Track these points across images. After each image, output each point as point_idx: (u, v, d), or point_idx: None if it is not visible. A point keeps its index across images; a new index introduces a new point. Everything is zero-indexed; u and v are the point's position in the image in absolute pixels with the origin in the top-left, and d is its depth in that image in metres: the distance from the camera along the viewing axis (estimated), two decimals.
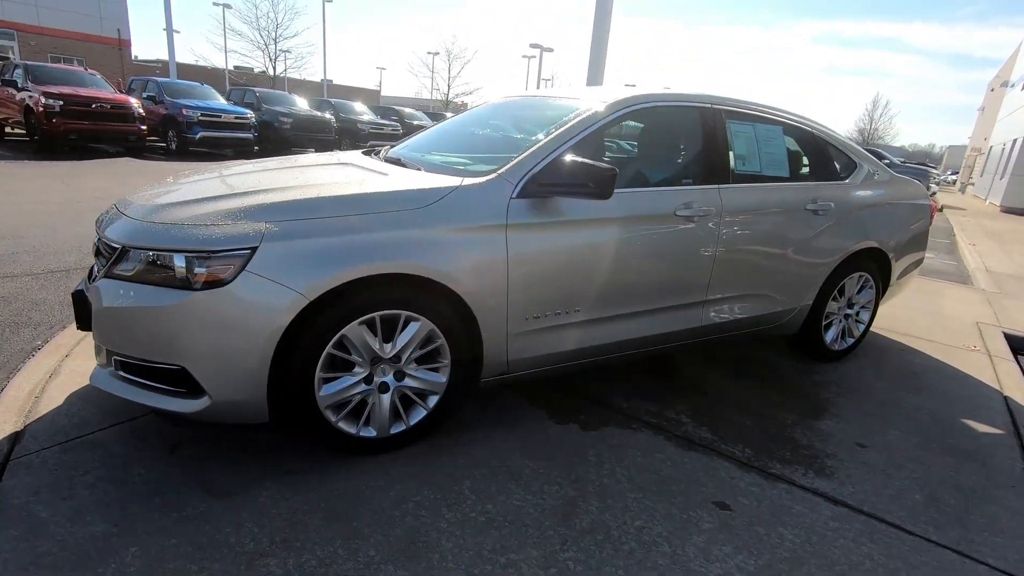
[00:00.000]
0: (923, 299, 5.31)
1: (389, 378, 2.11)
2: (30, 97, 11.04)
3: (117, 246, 1.92)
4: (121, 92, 13.00)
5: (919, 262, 3.86)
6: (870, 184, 3.40)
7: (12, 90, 11.59)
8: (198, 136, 12.75)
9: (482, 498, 1.94)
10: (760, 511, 2.01)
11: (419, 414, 2.19)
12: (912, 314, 4.75)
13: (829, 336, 3.41)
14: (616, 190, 2.47)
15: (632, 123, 2.88)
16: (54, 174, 8.40)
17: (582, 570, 1.67)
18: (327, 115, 16.35)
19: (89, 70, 13.26)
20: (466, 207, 2.12)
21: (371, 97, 37.61)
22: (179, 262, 1.80)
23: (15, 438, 2.09)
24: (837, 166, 3.31)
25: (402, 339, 2.06)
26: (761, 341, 3.71)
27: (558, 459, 2.21)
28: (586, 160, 2.21)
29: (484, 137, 3.10)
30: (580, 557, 1.72)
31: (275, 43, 29.81)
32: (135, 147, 11.97)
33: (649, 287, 2.56)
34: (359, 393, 2.05)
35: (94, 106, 11.25)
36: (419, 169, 2.49)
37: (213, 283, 1.78)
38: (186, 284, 1.79)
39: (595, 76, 6.67)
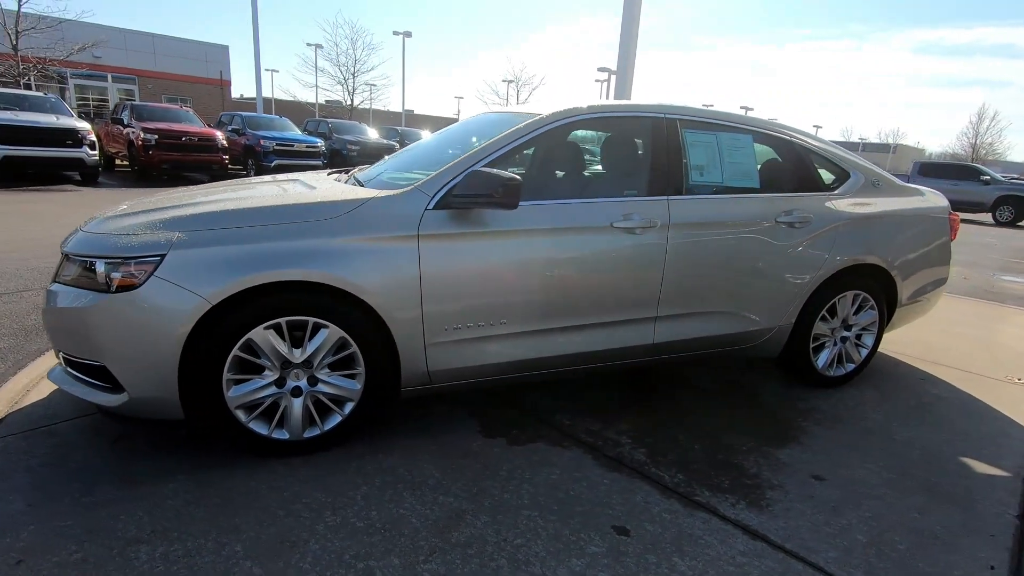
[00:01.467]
0: (979, 325, 4.74)
1: (302, 383, 2.18)
2: (132, 132, 12.51)
3: (63, 254, 2.15)
4: (209, 126, 14.40)
5: (939, 282, 3.46)
6: (867, 195, 3.12)
7: (120, 127, 13.19)
8: (273, 163, 13.84)
9: (370, 505, 1.95)
10: (662, 539, 1.88)
11: (334, 420, 2.25)
12: (956, 341, 4.25)
13: (821, 360, 3.13)
14: (545, 201, 2.47)
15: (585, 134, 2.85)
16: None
17: (440, 572, 1.64)
18: (394, 142, 17.24)
19: (184, 107, 14.83)
20: (376, 218, 2.18)
21: (446, 125, 39.10)
22: (100, 267, 1.98)
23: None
24: (822, 176, 3.07)
25: (312, 345, 2.13)
26: (740, 363, 3.47)
27: (467, 472, 2.18)
28: (492, 170, 2.21)
29: (453, 154, 3.17)
30: (440, 570, 1.68)
31: (353, 77, 31.94)
32: (218, 175, 13.17)
33: (586, 301, 2.49)
34: (270, 396, 2.14)
35: (184, 139, 12.55)
36: (361, 185, 2.59)
37: (126, 287, 1.95)
38: (105, 288, 1.97)
39: (621, 95, 6.61)
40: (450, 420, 2.59)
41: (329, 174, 3.15)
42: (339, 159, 15.70)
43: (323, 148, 14.79)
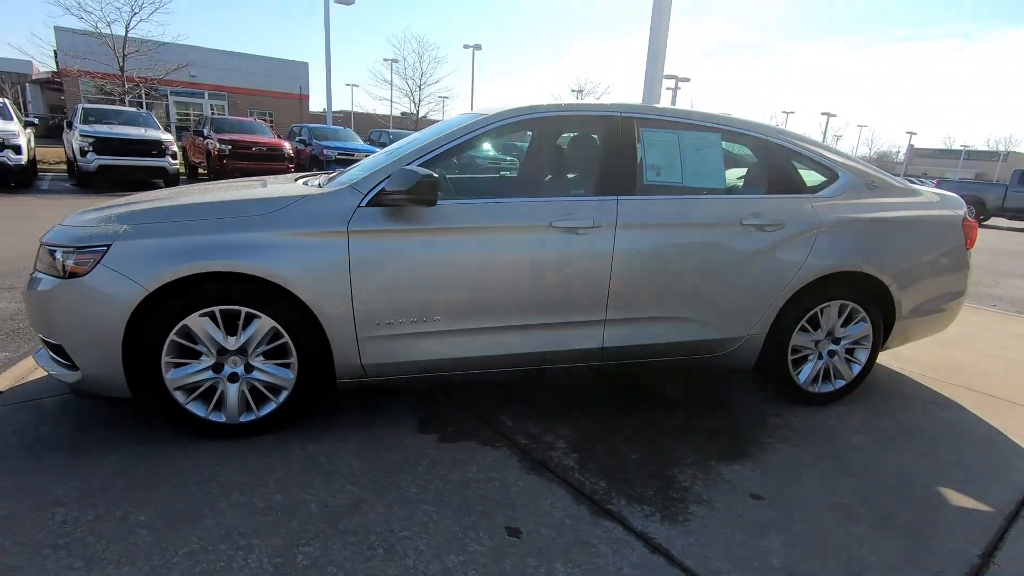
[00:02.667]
0: (1016, 346, 4.23)
1: (239, 369, 2.30)
2: (210, 143, 13.61)
3: (39, 244, 2.40)
4: (280, 138, 15.41)
5: (955, 295, 3.13)
6: (858, 197, 2.88)
7: (200, 139, 14.39)
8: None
9: (278, 488, 2.03)
10: (552, 544, 1.82)
11: (270, 407, 2.35)
12: (986, 361, 3.82)
13: (803, 375, 2.91)
14: (482, 200, 2.48)
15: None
16: None
17: (306, 564, 1.68)
18: None
19: (258, 120, 15.97)
20: (309, 214, 2.27)
21: None
22: (58, 255, 2.19)
23: None
24: (803, 177, 2.87)
25: (245, 334, 2.25)
26: (721, 375, 3.27)
27: (384, 465, 2.21)
28: (412, 168, 2.24)
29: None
30: (315, 553, 1.72)
31: (420, 89, 33.14)
32: None
33: (525, 301, 2.47)
34: (208, 380, 2.28)
35: (254, 149, 13.52)
36: (319, 186, 2.71)
37: (77, 273, 2.14)
38: (61, 274, 2.18)
39: (650, 98, 6.46)
40: (394, 414, 2.63)
41: (298, 177, 3.28)
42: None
43: None
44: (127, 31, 18.76)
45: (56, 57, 23.07)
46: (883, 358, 3.78)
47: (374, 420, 2.57)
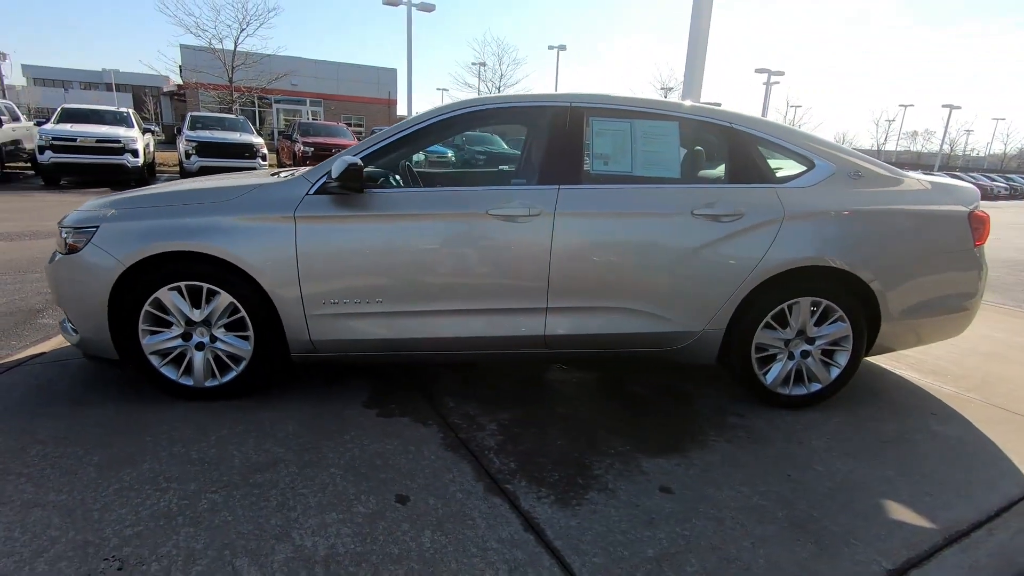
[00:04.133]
0: None
1: (205, 339, 2.58)
2: (296, 146, 14.78)
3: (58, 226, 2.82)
4: (359, 139, 16.40)
5: (964, 296, 2.81)
6: (837, 187, 2.68)
7: (289, 142, 15.66)
8: None
9: (216, 444, 2.26)
10: (432, 514, 1.90)
11: (231, 374, 2.61)
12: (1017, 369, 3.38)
13: (771, 376, 2.76)
14: (421, 188, 2.61)
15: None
16: None
17: (206, 508, 1.88)
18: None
19: (342, 124, 17.08)
20: (263, 201, 2.50)
21: None
22: (64, 235, 2.58)
23: (34, 357, 3.14)
24: (772, 166, 2.71)
25: (208, 307, 2.52)
26: (693, 372, 3.14)
27: (317, 432, 2.39)
28: (344, 157, 2.40)
29: None
30: (218, 499, 1.92)
31: (499, 91, 33.66)
32: None
33: (464, 286, 2.55)
34: (178, 347, 2.58)
35: (333, 150, 14.50)
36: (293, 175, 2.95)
37: (74, 250, 2.51)
38: (64, 251, 2.56)
39: (690, 90, 6.24)
40: (348, 389, 2.81)
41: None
42: (468, 167, 16.79)
43: (452, 158, 15.95)
44: (236, 46, 20.72)
45: (181, 72, 25.93)
46: (901, 367, 3.47)
47: (329, 393, 2.77)
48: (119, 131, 12.59)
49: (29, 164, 13.39)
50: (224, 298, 2.51)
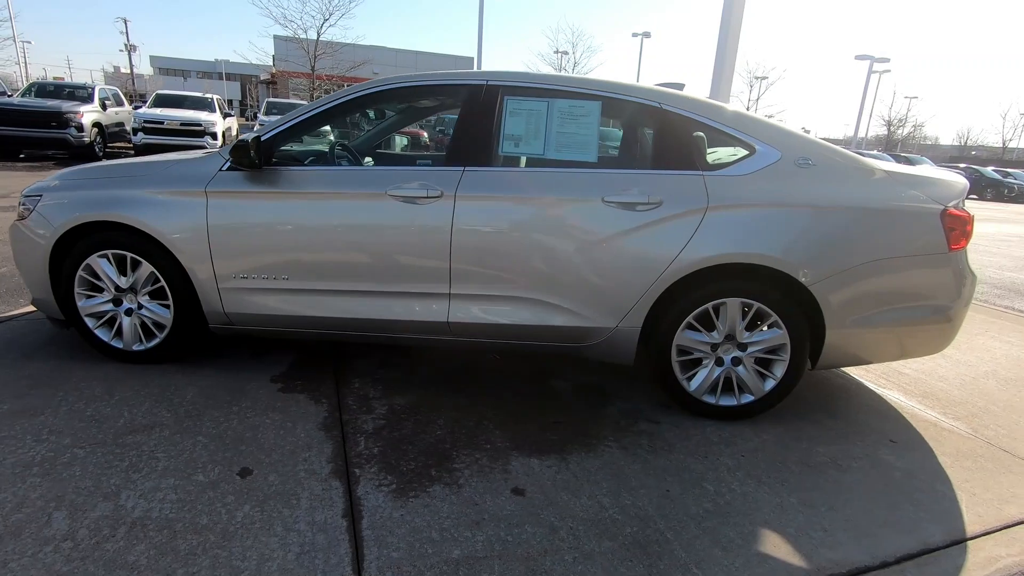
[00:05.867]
0: None
1: (133, 305, 2.73)
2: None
3: None
4: (419, 128, 16.76)
5: (937, 308, 2.41)
6: (778, 176, 2.37)
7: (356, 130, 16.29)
8: None
9: (115, 404, 2.39)
10: (265, 490, 1.90)
11: (156, 340, 2.75)
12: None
13: (695, 382, 2.51)
14: (322, 167, 2.61)
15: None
16: None
17: (66, 461, 1.99)
18: None
19: None
20: (179, 175, 2.59)
21: None
22: (20, 203, 2.81)
23: (22, 315, 3.47)
24: (704, 151, 2.44)
25: (133, 276, 2.66)
26: (606, 365, 2.92)
27: (213, 401, 2.45)
28: (245, 136, 2.42)
29: None
30: (82, 455, 2.02)
31: None
32: None
33: (364, 267, 2.52)
34: (109, 311, 2.74)
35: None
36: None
37: (24, 217, 2.74)
38: (18, 217, 2.80)
39: (719, 87, 5.80)
40: (265, 363, 2.87)
41: None
42: None
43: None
44: (319, 35, 21.77)
45: (274, 61, 27.66)
46: (888, 386, 3.07)
47: (247, 364, 2.84)
48: (202, 115, 13.63)
49: (130, 144, 14.83)
50: (146, 268, 2.63)
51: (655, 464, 2.20)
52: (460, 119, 2.54)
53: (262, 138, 2.50)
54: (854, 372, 3.22)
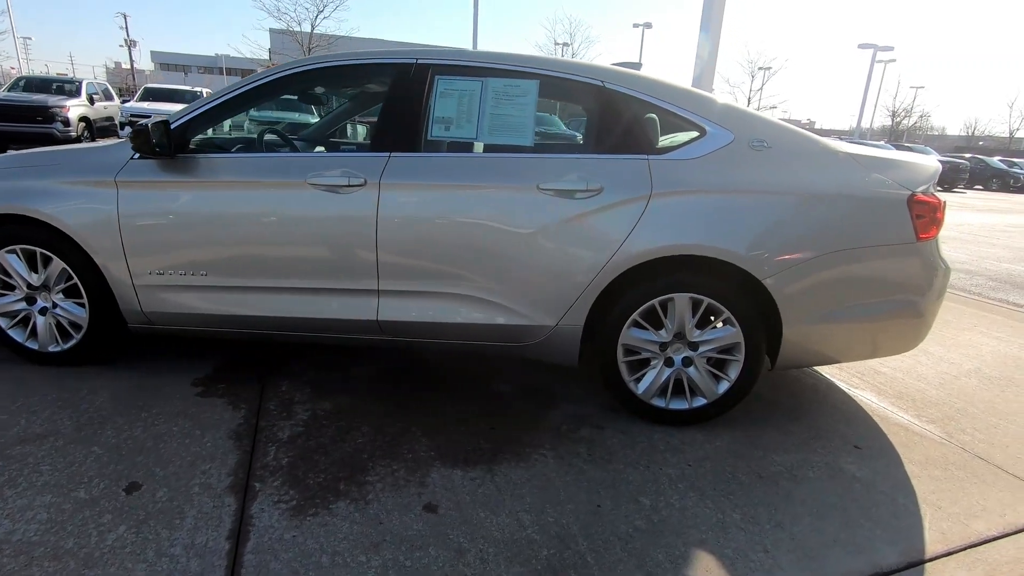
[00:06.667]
0: None
1: (48, 304, 2.56)
2: None
3: None
4: None
5: (904, 303, 2.21)
6: (730, 160, 2.17)
7: None
8: None
9: (15, 410, 2.21)
10: (150, 508, 1.72)
11: (72, 340, 2.57)
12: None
13: (644, 384, 2.32)
14: (239, 155, 2.42)
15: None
16: None
17: None
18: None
19: None
20: (87, 164, 2.41)
21: None
22: None
23: None
24: (650, 133, 2.24)
25: (45, 273, 2.49)
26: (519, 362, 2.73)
27: (123, 407, 2.28)
28: (145, 121, 2.23)
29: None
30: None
31: None
32: None
33: (287, 263, 2.33)
34: (22, 310, 2.57)
35: None
36: None
37: None
38: None
39: (702, 75, 5.57)
40: (190, 364, 2.70)
41: None
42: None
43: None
44: (312, 28, 21.55)
45: (270, 55, 27.43)
46: (860, 386, 2.87)
47: (171, 367, 2.66)
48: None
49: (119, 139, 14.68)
50: (57, 264, 2.46)
51: (590, 475, 2.02)
52: (387, 101, 2.34)
53: (172, 124, 2.32)
54: (826, 371, 3.03)
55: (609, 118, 2.27)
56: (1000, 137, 55.22)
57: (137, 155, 2.38)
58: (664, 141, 2.30)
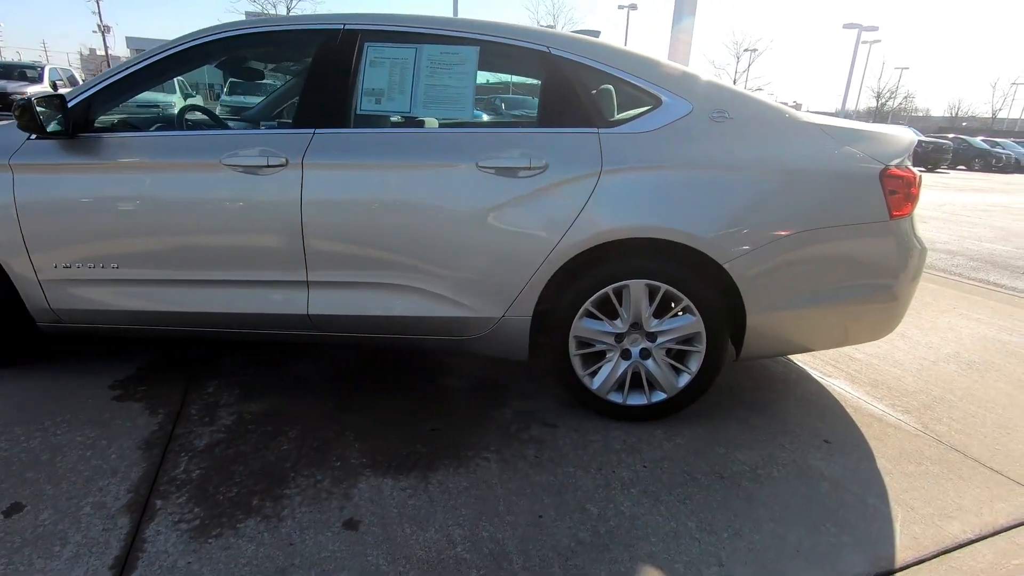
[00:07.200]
0: None
1: None
2: None
3: None
4: None
5: (874, 287, 2.05)
6: (689, 133, 1.98)
7: None
8: None
9: None
10: (27, 534, 1.52)
11: None
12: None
13: (599, 379, 2.15)
14: (153, 132, 2.17)
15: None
16: None
17: None
18: None
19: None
20: None
21: None
22: None
23: None
24: (602, 105, 2.04)
25: None
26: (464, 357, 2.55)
27: (28, 413, 2.06)
28: (29, 95, 2.00)
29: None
30: None
31: None
32: None
33: (206, 252, 2.12)
34: None
35: None
36: None
37: None
38: None
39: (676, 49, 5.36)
40: (116, 362, 2.48)
41: None
42: None
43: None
44: (288, 10, 20.96)
45: None
46: (834, 373, 2.72)
47: (91, 368, 2.44)
48: (158, 95, 13.02)
49: None
50: None
51: (536, 480, 1.84)
52: (311, 72, 2.11)
53: (70, 101, 2.08)
54: (797, 359, 2.87)
55: (556, 88, 2.06)
56: (983, 118, 55.54)
57: (34, 135, 2.14)
58: (620, 114, 2.10)
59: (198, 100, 15.96)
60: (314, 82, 2.10)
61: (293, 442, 1.99)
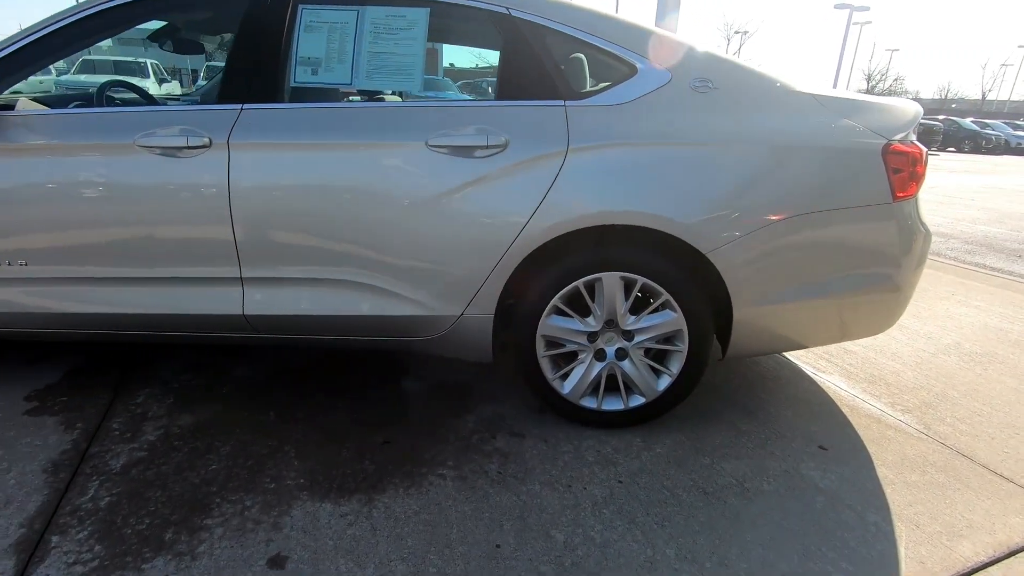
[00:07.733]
0: None
1: None
2: None
3: None
4: None
5: (876, 276, 1.84)
6: (668, 105, 1.75)
7: None
8: None
9: None
10: None
11: None
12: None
13: (570, 383, 1.93)
14: (56, 110, 1.91)
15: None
16: None
17: None
18: None
19: None
20: None
21: None
22: None
23: None
24: (567, 74, 1.80)
25: None
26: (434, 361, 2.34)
27: None
28: None
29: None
30: None
31: None
32: None
33: (124, 245, 1.86)
34: None
35: None
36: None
37: None
38: None
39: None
40: (33, 371, 2.23)
41: None
42: None
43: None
44: None
45: None
46: (828, 370, 2.52)
47: (7, 377, 2.20)
48: (138, 81, 12.59)
49: None
50: None
51: (496, 502, 1.63)
52: (237, 39, 1.85)
53: None
54: (789, 354, 2.67)
55: (517, 55, 1.81)
56: (973, 99, 55.51)
57: None
58: (590, 85, 1.86)
59: (174, 86, 15.49)
60: (241, 51, 1.83)
61: (223, 460, 1.76)
